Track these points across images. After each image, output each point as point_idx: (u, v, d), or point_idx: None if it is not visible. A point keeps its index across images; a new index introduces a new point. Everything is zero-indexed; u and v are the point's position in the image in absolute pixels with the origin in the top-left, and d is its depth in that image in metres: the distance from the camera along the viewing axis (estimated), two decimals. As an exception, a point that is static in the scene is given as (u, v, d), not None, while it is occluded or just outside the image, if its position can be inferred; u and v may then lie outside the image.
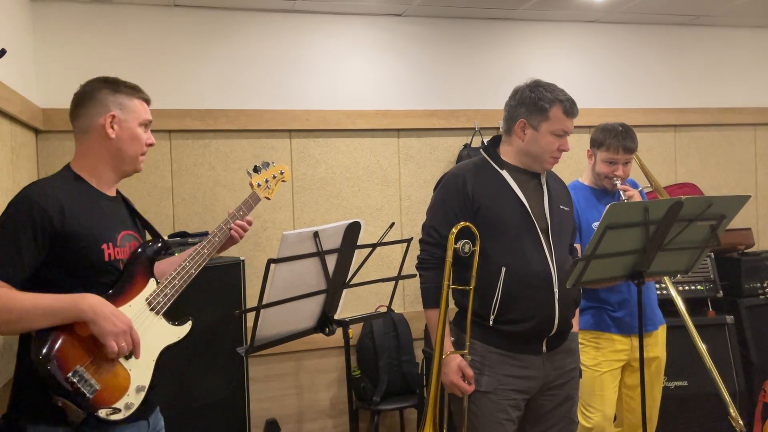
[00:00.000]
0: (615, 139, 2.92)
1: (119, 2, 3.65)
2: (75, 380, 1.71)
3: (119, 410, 1.78)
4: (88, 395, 1.72)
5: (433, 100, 4.18)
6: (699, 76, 4.69)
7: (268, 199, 2.26)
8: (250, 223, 2.17)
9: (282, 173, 2.31)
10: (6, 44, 2.20)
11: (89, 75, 2.05)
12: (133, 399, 1.82)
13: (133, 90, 1.99)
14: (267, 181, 2.26)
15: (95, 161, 1.94)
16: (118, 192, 2.05)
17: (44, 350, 1.70)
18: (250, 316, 2.17)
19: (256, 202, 2.21)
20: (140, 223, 2.09)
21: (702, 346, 3.02)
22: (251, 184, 2.23)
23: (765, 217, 4.81)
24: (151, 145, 2.02)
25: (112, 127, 1.92)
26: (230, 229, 2.12)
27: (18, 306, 1.71)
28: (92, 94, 1.94)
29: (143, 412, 1.88)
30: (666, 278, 2.86)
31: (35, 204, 1.77)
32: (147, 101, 2.02)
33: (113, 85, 1.96)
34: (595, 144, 3.00)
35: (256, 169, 2.25)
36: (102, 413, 1.74)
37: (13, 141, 2.94)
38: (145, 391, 1.85)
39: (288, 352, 3.82)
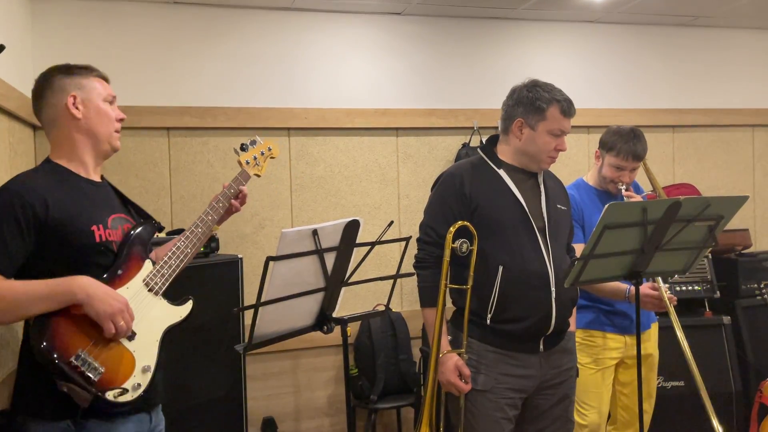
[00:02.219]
0: (626, 145, 2.87)
1: (118, -1, 3.65)
2: (78, 364, 1.69)
3: (127, 390, 1.76)
4: (93, 378, 1.70)
5: (432, 99, 4.18)
6: (697, 76, 4.69)
7: (258, 176, 2.23)
8: (245, 194, 2.17)
9: (270, 149, 2.28)
10: (4, 40, 2.20)
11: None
12: (140, 379, 1.80)
13: (87, 70, 1.98)
14: (255, 158, 2.23)
15: (72, 147, 1.93)
16: (103, 178, 2.03)
17: (44, 338, 1.69)
18: (249, 314, 2.16)
19: (246, 180, 2.18)
20: (132, 208, 2.07)
21: (688, 351, 2.85)
22: (239, 162, 2.20)
23: (762, 218, 4.82)
24: (121, 119, 2.00)
25: (77, 108, 1.91)
26: (223, 207, 2.10)
27: (10, 294, 1.70)
28: (49, 83, 1.93)
29: (147, 402, 1.86)
30: (659, 281, 2.83)
31: (16, 195, 1.77)
32: (105, 78, 2.01)
33: (66, 69, 1.95)
34: (605, 147, 2.95)
35: (243, 147, 2.22)
36: (110, 395, 1.73)
37: (11, 137, 2.94)
38: (152, 371, 1.83)
39: (286, 350, 3.82)
